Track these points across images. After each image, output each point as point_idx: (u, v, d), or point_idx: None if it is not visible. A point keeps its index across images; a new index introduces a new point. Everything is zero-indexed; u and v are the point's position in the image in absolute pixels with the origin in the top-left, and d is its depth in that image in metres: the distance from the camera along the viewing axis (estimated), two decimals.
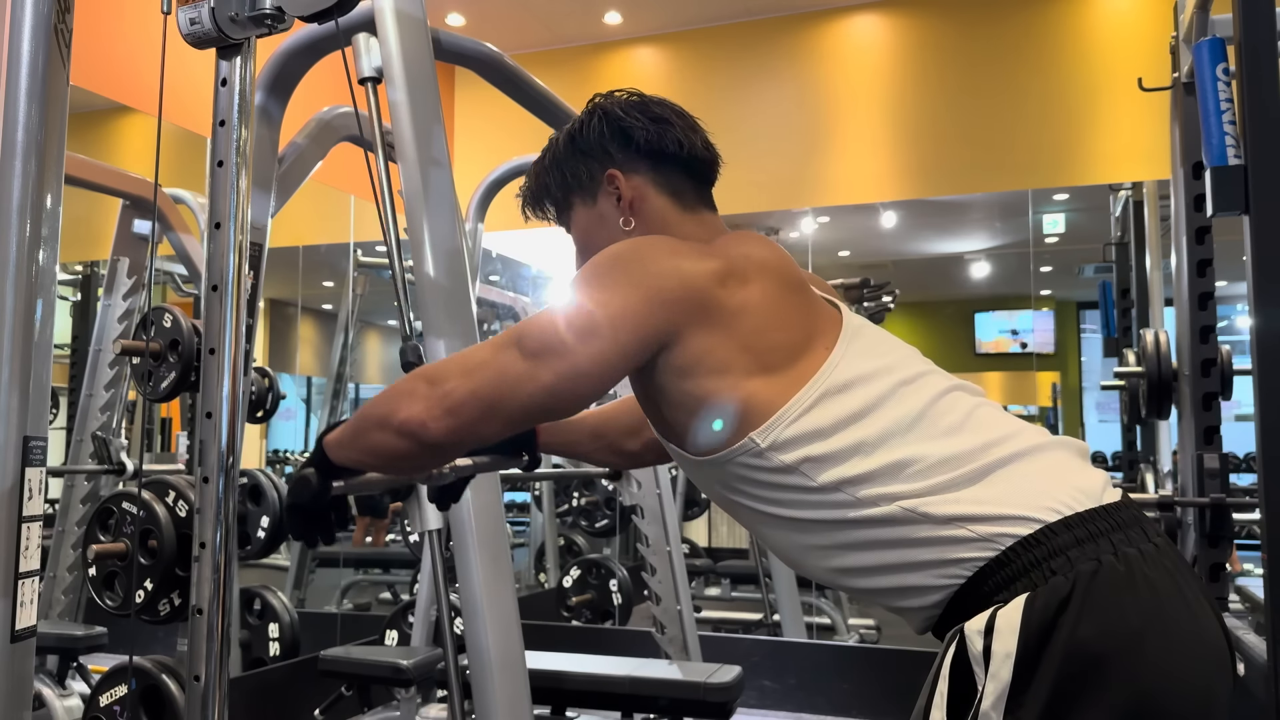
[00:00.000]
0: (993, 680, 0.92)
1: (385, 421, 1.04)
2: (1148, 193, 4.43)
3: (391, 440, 1.04)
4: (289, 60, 2.16)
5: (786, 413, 1.04)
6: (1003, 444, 1.04)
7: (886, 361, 1.11)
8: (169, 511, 1.84)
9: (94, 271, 3.41)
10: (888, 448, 1.03)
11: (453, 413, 1.01)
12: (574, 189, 1.26)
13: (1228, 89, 1.66)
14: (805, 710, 3.73)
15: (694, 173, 1.25)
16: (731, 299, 1.07)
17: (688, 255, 1.09)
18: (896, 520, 1.01)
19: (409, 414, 1.02)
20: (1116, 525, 0.98)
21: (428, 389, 1.02)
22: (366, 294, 4.51)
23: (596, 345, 1.02)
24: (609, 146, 1.23)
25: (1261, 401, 1.47)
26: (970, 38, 4.89)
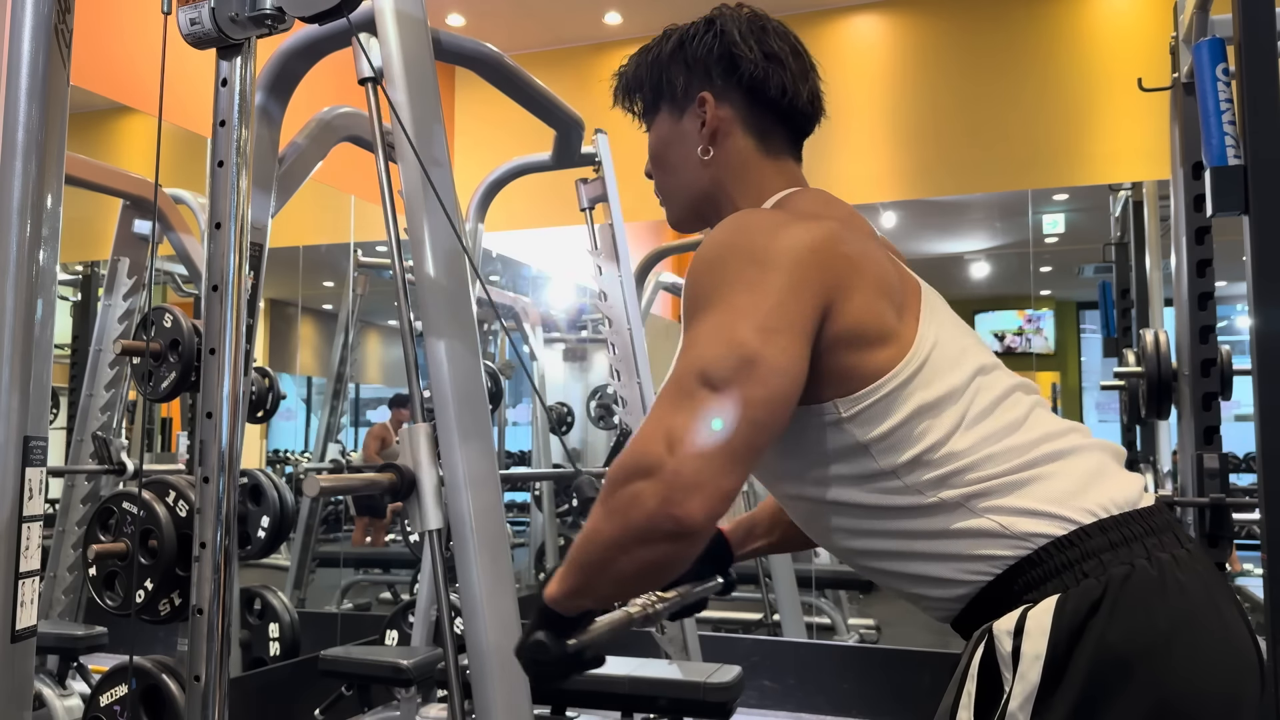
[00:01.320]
0: (1021, 681, 0.92)
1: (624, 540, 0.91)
2: (1148, 193, 4.43)
3: (645, 554, 0.90)
4: (289, 60, 2.16)
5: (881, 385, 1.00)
6: (1050, 445, 1.02)
7: (963, 344, 1.08)
8: (169, 511, 1.84)
9: (94, 271, 3.41)
10: (955, 440, 1.00)
11: (694, 487, 0.87)
12: (665, 95, 1.19)
13: (1228, 89, 1.66)
14: (805, 710, 3.73)
15: (788, 121, 1.19)
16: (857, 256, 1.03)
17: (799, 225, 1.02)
18: (934, 510, 0.99)
19: (649, 515, 0.88)
20: (1150, 530, 0.98)
21: (650, 483, 0.88)
22: (367, 294, 4.51)
23: (782, 341, 0.94)
24: (711, 67, 1.15)
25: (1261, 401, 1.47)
26: (970, 38, 4.89)
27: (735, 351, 0.92)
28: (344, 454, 4.63)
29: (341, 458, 4.56)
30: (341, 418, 4.67)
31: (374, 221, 4.41)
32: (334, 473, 4.39)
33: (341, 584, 4.76)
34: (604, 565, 0.94)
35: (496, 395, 4.05)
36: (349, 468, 4.53)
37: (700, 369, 0.92)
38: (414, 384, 1.81)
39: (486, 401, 1.82)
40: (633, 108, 1.25)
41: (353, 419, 5.09)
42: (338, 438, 4.63)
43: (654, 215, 5.86)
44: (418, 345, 1.84)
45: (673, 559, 0.91)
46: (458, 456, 1.72)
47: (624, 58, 1.26)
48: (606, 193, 3.16)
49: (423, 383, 1.80)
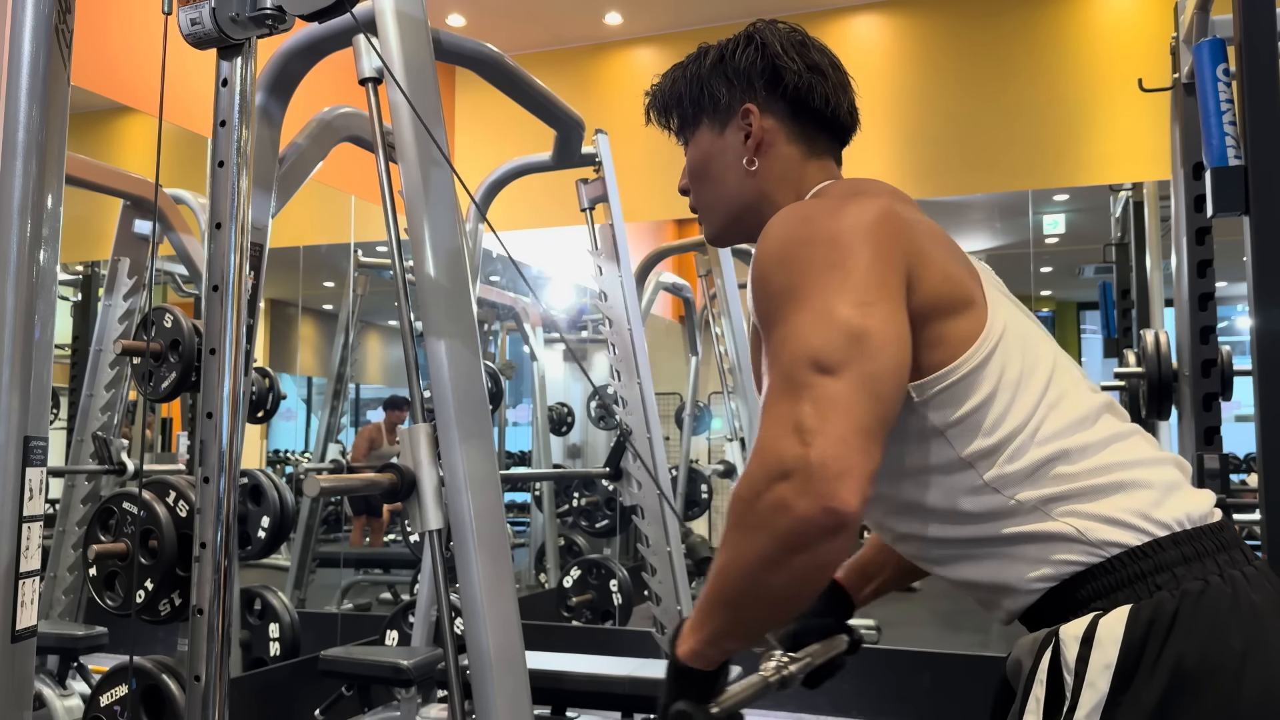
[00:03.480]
0: (1089, 689, 0.90)
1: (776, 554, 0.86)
2: (1148, 193, 4.43)
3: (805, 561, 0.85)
4: (290, 60, 2.16)
5: (962, 364, 0.98)
6: (1122, 447, 1.01)
7: (1030, 324, 1.07)
8: (170, 511, 1.84)
9: (94, 271, 3.41)
10: (1032, 427, 0.98)
11: (843, 474, 0.83)
12: (706, 109, 1.19)
13: (1228, 89, 1.66)
14: (805, 710, 3.72)
15: (830, 130, 1.19)
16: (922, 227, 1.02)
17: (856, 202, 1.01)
18: (1013, 512, 0.97)
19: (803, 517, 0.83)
20: (1221, 546, 0.97)
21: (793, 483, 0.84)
22: (367, 294, 4.51)
23: (882, 310, 0.91)
24: (755, 80, 1.16)
25: (1261, 402, 1.47)
26: (970, 38, 4.89)
27: (841, 331, 0.89)
28: (344, 454, 4.63)
29: (342, 458, 4.56)
30: (342, 418, 4.67)
31: (374, 221, 4.41)
32: (334, 473, 4.39)
33: (341, 584, 4.76)
34: (754, 590, 0.89)
35: (496, 395, 4.05)
36: (349, 468, 4.53)
37: (810, 356, 0.89)
38: (414, 384, 1.80)
39: (487, 401, 1.82)
40: (668, 124, 1.25)
41: (353, 419, 5.09)
42: (338, 438, 4.63)
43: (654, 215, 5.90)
44: (418, 345, 1.84)
45: (831, 558, 0.87)
46: (458, 456, 1.72)
47: (624, 58, 1.26)
48: (607, 193, 3.16)
49: (423, 383, 1.80)
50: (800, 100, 1.16)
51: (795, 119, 1.17)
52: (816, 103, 1.16)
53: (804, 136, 1.17)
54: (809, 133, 1.17)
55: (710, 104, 1.19)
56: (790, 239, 0.98)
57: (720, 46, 1.19)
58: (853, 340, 0.89)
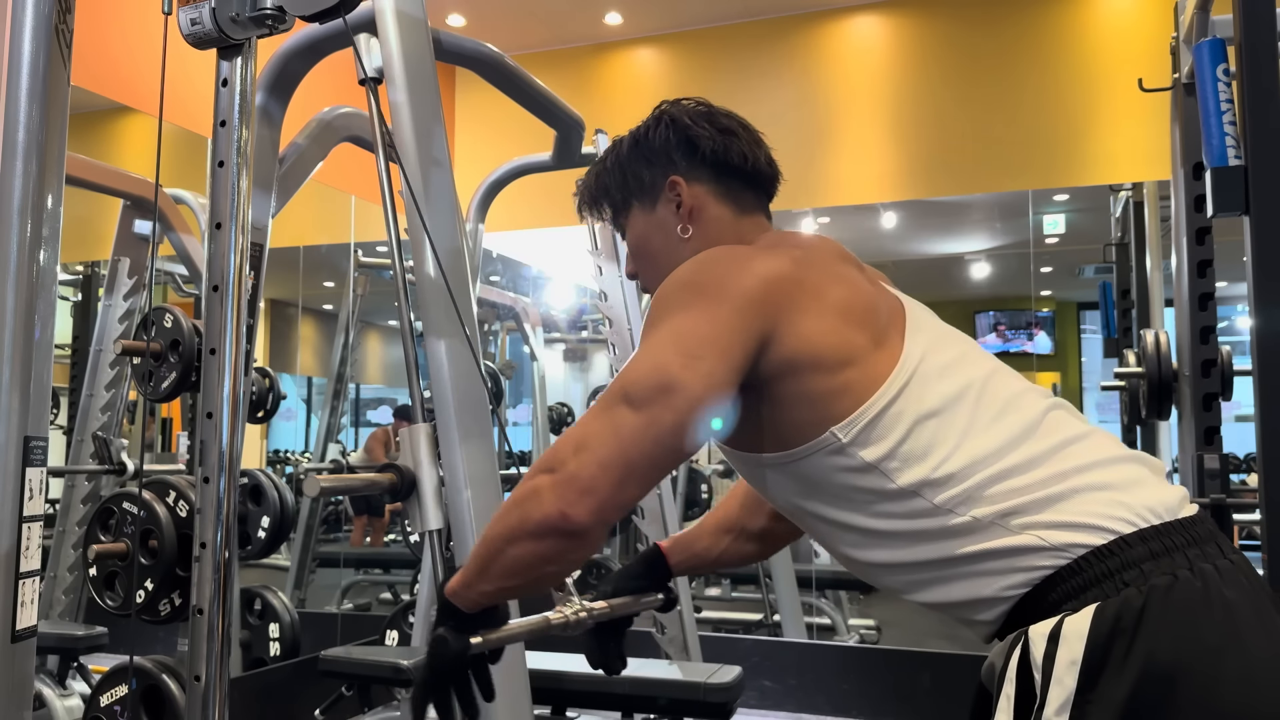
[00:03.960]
0: (1057, 686, 0.91)
1: (520, 532, 0.98)
2: (1148, 193, 4.43)
3: (532, 548, 0.97)
4: (290, 61, 2.16)
5: (874, 402, 1.02)
6: (1077, 449, 1.02)
7: (958, 350, 1.10)
8: (170, 511, 1.84)
9: (95, 271, 3.41)
10: (968, 447, 1.01)
11: (588, 491, 0.95)
12: (634, 193, 1.25)
13: (1228, 89, 1.66)
14: (805, 710, 3.73)
15: (755, 185, 1.25)
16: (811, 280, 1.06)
17: (754, 257, 1.09)
18: (969, 531, 0.99)
19: (545, 511, 0.95)
20: (1192, 540, 0.97)
21: (552, 480, 0.96)
22: (367, 294, 4.51)
23: (704, 368, 0.99)
24: (674, 154, 1.23)
25: (1261, 402, 1.47)
26: (970, 38, 4.89)
27: (656, 375, 0.98)
28: (344, 454, 4.63)
29: (342, 458, 4.56)
30: (342, 418, 4.67)
31: (374, 221, 4.41)
32: (334, 473, 4.39)
33: (342, 584, 4.76)
34: (497, 555, 1.00)
35: (496, 395, 4.05)
36: (349, 468, 4.53)
37: (623, 386, 0.99)
38: (414, 384, 1.80)
39: (487, 401, 1.82)
40: (602, 215, 1.31)
41: (353, 419, 5.09)
42: (338, 438, 4.63)
43: None
44: (418, 345, 1.84)
45: (558, 556, 0.98)
46: (458, 456, 1.72)
47: (624, 58, 1.28)
48: None
49: (423, 383, 1.80)
50: (720, 161, 1.22)
51: (719, 180, 1.23)
52: (735, 160, 1.22)
53: (730, 196, 1.23)
54: (734, 191, 1.23)
55: (636, 186, 1.25)
56: (682, 275, 1.07)
57: (632, 134, 1.27)
58: (661, 388, 0.98)
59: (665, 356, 1.00)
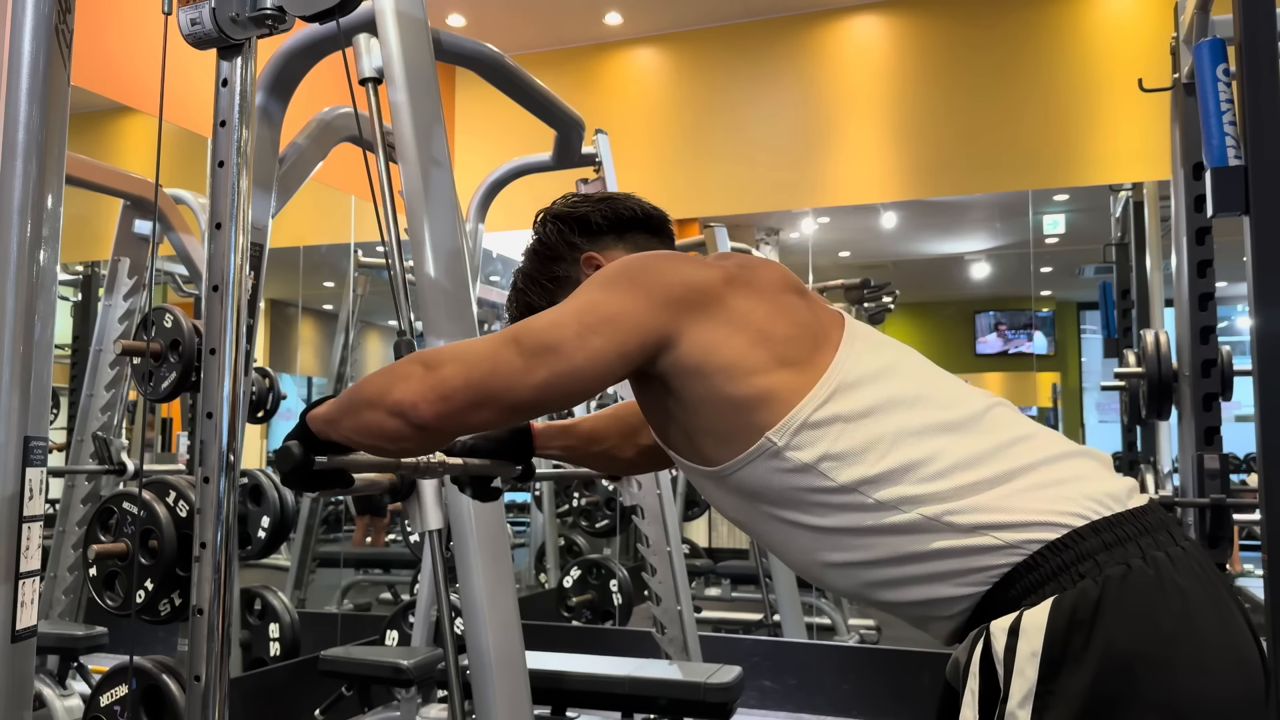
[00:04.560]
0: (1019, 678, 0.93)
1: (377, 400, 1.04)
2: (1148, 193, 4.43)
3: (381, 419, 1.04)
4: (290, 61, 2.16)
5: (804, 407, 1.05)
6: (1022, 447, 1.04)
7: (893, 358, 1.12)
8: (169, 511, 1.84)
9: (95, 271, 3.41)
10: (905, 445, 1.02)
11: (445, 398, 1.02)
12: (556, 293, 1.30)
13: (1228, 89, 1.66)
14: (805, 710, 3.73)
15: (654, 230, 1.33)
16: (736, 296, 1.10)
17: (691, 263, 1.13)
18: (919, 529, 1.00)
19: (402, 394, 1.02)
20: (1144, 529, 0.98)
21: (423, 372, 1.03)
22: (367, 294, 4.51)
23: (595, 344, 1.04)
24: (572, 238, 1.31)
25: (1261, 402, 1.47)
26: (970, 38, 4.89)
27: (550, 333, 1.04)
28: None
29: None
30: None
31: (374, 221, 4.41)
32: None
33: (342, 584, 4.76)
34: (354, 409, 1.07)
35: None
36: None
37: (521, 330, 1.05)
38: None
39: None
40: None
41: None
42: None
43: None
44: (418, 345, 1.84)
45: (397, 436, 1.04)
46: None
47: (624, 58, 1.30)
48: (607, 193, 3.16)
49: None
50: (615, 221, 1.31)
51: (623, 238, 1.31)
52: (626, 214, 1.32)
53: (639, 246, 1.31)
54: (639, 241, 1.32)
55: (555, 284, 1.32)
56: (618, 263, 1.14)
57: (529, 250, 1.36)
58: (547, 347, 1.03)
59: (566, 321, 1.05)
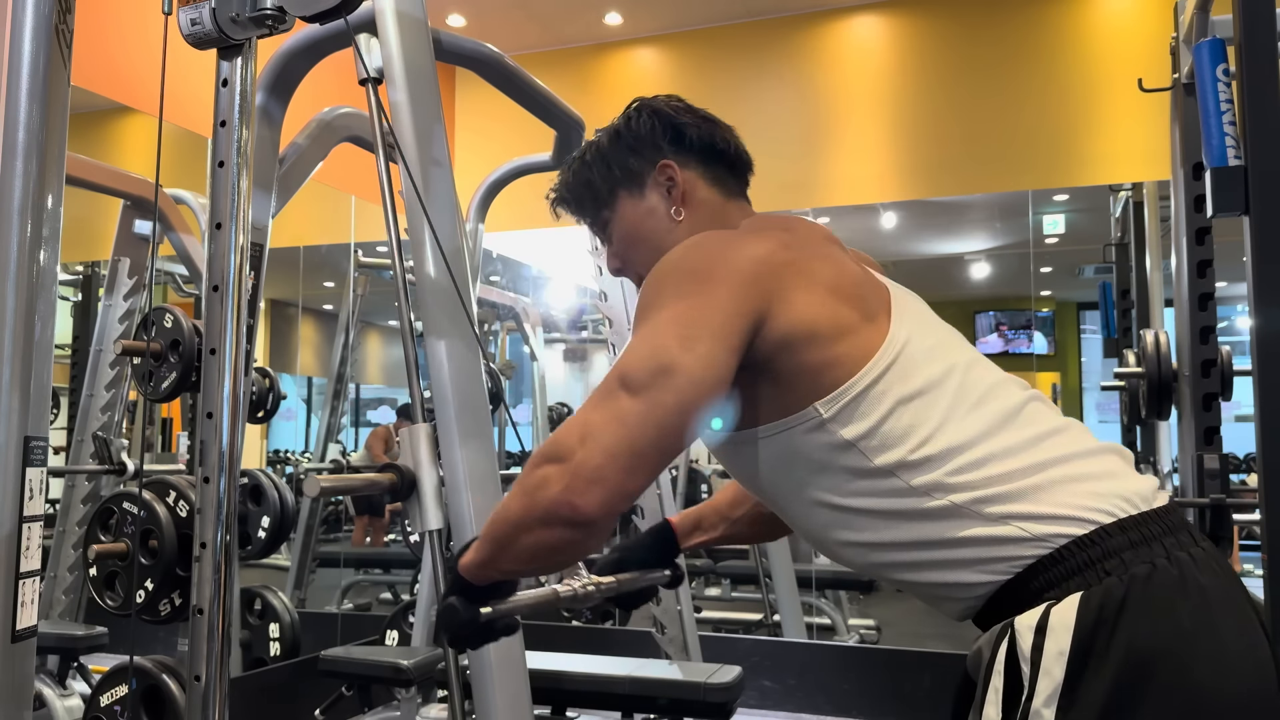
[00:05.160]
0: (1045, 677, 0.93)
1: (528, 520, 0.97)
2: (1148, 193, 4.43)
3: (542, 536, 0.97)
4: (290, 61, 2.16)
5: (859, 379, 1.03)
6: (1055, 441, 1.04)
7: (940, 336, 1.12)
8: (170, 511, 1.84)
9: (95, 272, 3.41)
10: (947, 432, 1.02)
11: (596, 481, 0.94)
12: (621, 182, 1.27)
13: (1228, 90, 1.66)
14: (805, 710, 3.73)
15: (735, 169, 1.28)
16: (801, 259, 1.08)
17: (743, 239, 1.10)
18: (948, 515, 1.00)
19: (552, 501, 0.95)
20: (1167, 529, 0.99)
21: (559, 470, 0.95)
22: (367, 294, 4.51)
23: (702, 349, 0.99)
24: (659, 141, 1.25)
25: (1261, 402, 1.47)
26: (970, 38, 4.89)
27: (655, 359, 0.98)
28: (344, 454, 4.63)
29: (342, 458, 4.56)
30: (342, 418, 4.67)
31: (374, 221, 4.41)
32: (334, 473, 4.39)
33: (342, 584, 4.76)
34: (508, 541, 1.00)
35: (496, 395, 4.05)
36: (349, 468, 4.53)
37: (622, 372, 0.99)
38: (414, 384, 1.80)
39: (487, 402, 1.82)
40: (583, 212, 1.33)
41: (353, 419, 5.09)
42: (338, 438, 4.63)
43: None
44: (418, 345, 1.84)
45: (567, 544, 0.97)
46: (458, 456, 1.72)
47: (624, 58, 1.29)
48: None
49: (423, 383, 1.80)
50: (707, 146, 1.26)
51: (706, 165, 1.26)
52: (719, 145, 1.26)
53: (717, 180, 1.26)
54: (720, 175, 1.27)
55: (624, 176, 1.27)
56: (673, 261, 1.08)
57: (611, 128, 1.29)
58: (660, 371, 0.97)
59: (662, 340, 1.00)
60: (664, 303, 1.03)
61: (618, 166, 1.27)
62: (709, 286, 1.03)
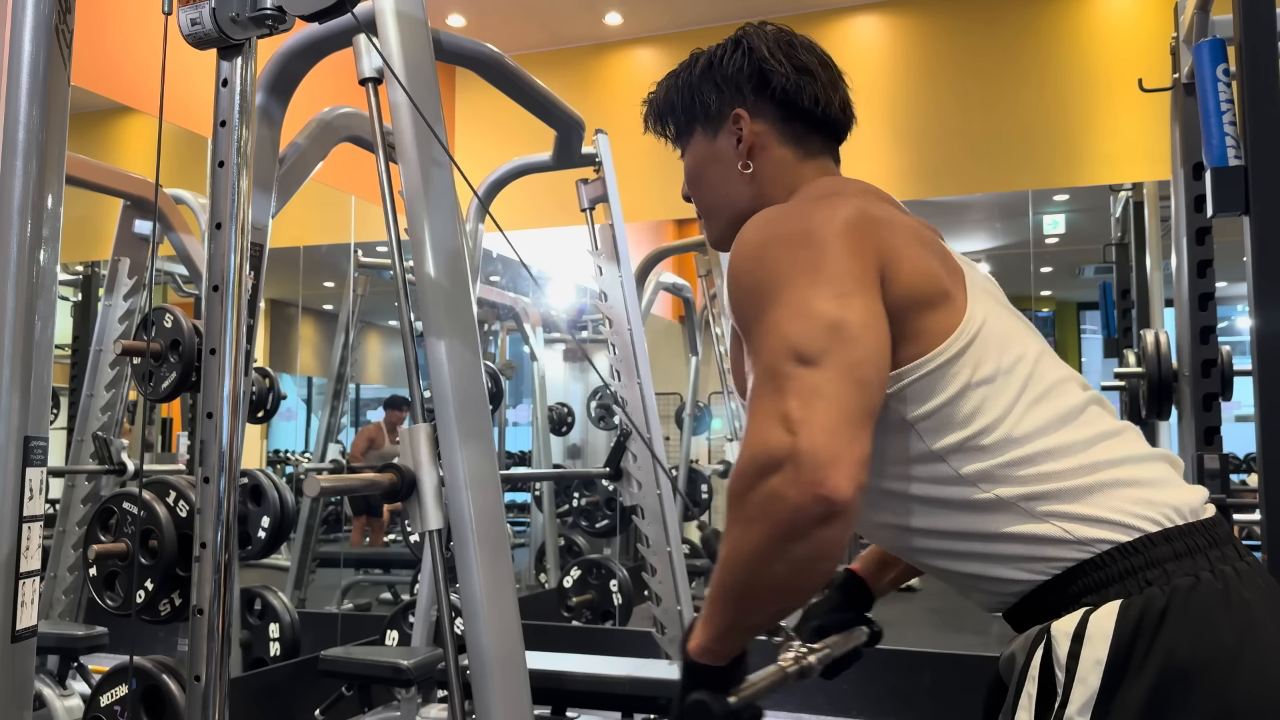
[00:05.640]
0: (1080, 685, 0.91)
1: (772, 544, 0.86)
2: (1148, 193, 4.43)
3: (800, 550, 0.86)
4: (290, 61, 2.16)
5: (936, 355, 0.98)
6: (1110, 445, 1.01)
7: (1014, 322, 1.08)
8: (170, 511, 1.84)
9: (95, 272, 3.41)
10: (1008, 423, 0.98)
11: (831, 462, 0.84)
12: (698, 117, 1.20)
13: (1228, 89, 1.66)
14: (805, 710, 3.73)
15: (823, 129, 1.19)
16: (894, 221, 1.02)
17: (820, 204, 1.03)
18: (992, 508, 0.98)
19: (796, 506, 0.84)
20: (1213, 542, 0.97)
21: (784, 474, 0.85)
22: (367, 294, 4.51)
23: (857, 301, 0.92)
24: (743, 85, 1.17)
25: (1261, 402, 1.47)
26: (970, 38, 4.89)
27: (818, 322, 0.90)
28: (344, 454, 4.63)
29: (342, 458, 4.56)
30: (342, 418, 4.67)
31: (374, 221, 4.41)
32: (334, 473, 4.39)
33: (342, 584, 4.76)
34: (756, 581, 0.90)
35: (497, 395, 4.05)
36: (349, 468, 4.53)
37: (791, 349, 0.90)
38: (414, 384, 1.80)
39: (487, 401, 1.82)
40: (665, 132, 1.26)
41: (353, 419, 5.09)
42: (338, 438, 4.62)
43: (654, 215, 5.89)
44: (418, 345, 1.84)
45: (829, 546, 0.87)
46: (458, 457, 1.72)
47: (624, 58, 1.27)
48: (607, 193, 3.15)
49: (423, 383, 1.80)
50: (789, 102, 1.16)
51: (785, 121, 1.17)
52: (805, 103, 1.16)
53: (795, 138, 1.18)
54: (800, 134, 1.18)
55: (702, 111, 1.19)
56: (762, 240, 0.99)
57: (710, 52, 1.20)
58: (831, 330, 0.90)
59: (812, 306, 0.91)
60: (784, 278, 0.94)
61: (699, 100, 1.19)
62: (826, 249, 0.95)
